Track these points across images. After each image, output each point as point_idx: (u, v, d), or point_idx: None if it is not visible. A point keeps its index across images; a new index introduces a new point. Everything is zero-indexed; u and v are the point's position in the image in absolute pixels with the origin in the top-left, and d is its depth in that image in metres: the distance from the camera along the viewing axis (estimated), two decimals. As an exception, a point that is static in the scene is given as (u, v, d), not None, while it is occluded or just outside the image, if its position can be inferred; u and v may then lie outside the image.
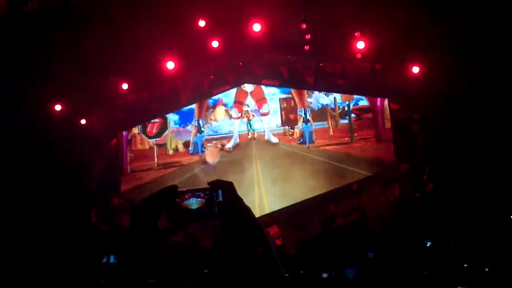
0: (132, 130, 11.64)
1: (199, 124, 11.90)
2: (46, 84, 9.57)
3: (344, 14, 9.15)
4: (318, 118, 11.42)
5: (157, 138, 11.73)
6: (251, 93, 11.64)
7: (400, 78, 9.90)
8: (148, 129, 11.72)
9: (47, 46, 8.99)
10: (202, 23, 9.48)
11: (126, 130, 11.21)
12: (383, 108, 10.78)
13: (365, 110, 11.07)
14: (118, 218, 10.72)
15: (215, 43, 9.78)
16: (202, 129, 11.86)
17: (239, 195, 1.36)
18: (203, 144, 11.86)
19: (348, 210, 10.23)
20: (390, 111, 10.31)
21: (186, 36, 9.71)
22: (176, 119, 11.72)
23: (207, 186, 1.37)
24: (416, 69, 9.64)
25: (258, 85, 11.52)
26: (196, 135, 11.84)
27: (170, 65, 10.01)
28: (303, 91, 11.41)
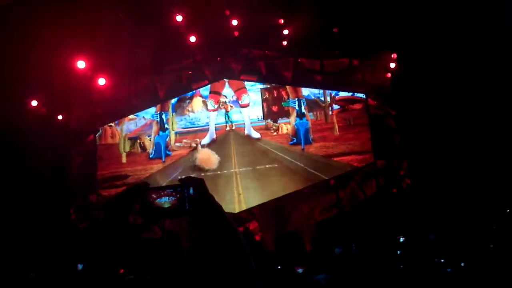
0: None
1: (161, 119, 11.26)
2: (21, 80, 9.48)
3: (322, 9, 9.19)
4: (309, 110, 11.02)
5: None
6: (229, 82, 11.10)
7: (378, 74, 9.97)
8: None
9: (22, 39, 8.89)
10: (179, 18, 9.45)
11: (104, 125, 11.06)
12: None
13: (349, 101, 10.87)
14: (96, 215, 10.65)
15: (192, 38, 9.77)
16: (166, 125, 11.18)
17: (210, 193, 1.38)
18: (167, 146, 11.20)
19: (326, 205, 10.24)
20: (368, 106, 10.34)
21: (164, 31, 9.68)
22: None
23: (178, 183, 1.39)
24: (393, 64, 9.71)
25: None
26: (158, 133, 11.24)
27: (146, 60, 9.98)
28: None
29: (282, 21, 9.65)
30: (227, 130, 11.17)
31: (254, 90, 11.25)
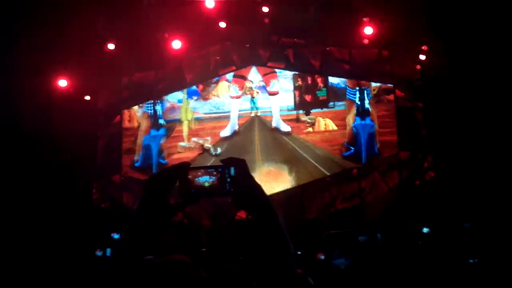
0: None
1: (154, 112, 11.04)
2: (52, 58, 9.56)
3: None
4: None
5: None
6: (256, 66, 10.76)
7: (406, 66, 9.94)
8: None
9: (53, 19, 8.94)
10: (210, 3, 9.45)
11: (130, 108, 11.13)
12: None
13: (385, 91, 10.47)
14: (118, 196, 10.77)
15: (222, 24, 9.79)
16: (161, 121, 10.94)
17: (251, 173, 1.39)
18: (161, 150, 10.79)
19: (348, 195, 10.28)
20: (395, 98, 10.31)
21: (194, 16, 9.69)
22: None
23: (219, 163, 1.40)
24: (422, 56, 9.68)
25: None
26: (148, 131, 10.96)
27: (176, 44, 10.01)
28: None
29: (312, 9, 9.60)
30: (252, 117, 10.81)
31: (285, 76, 10.78)
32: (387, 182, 10.21)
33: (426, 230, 8.93)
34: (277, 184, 10.37)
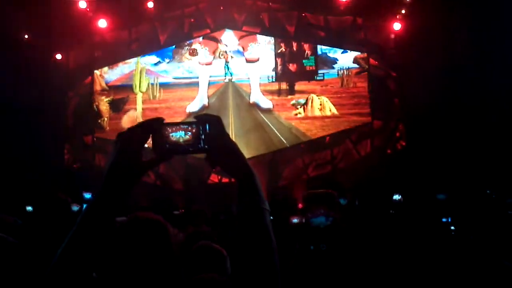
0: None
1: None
2: (20, 16, 9.31)
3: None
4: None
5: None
6: (232, 26, 10.25)
7: (381, 34, 9.88)
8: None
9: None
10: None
11: (102, 68, 10.93)
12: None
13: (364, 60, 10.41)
14: (90, 156, 10.71)
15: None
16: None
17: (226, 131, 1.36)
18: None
19: (320, 162, 10.32)
20: (369, 66, 10.26)
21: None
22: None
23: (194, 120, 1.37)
24: (397, 25, 9.61)
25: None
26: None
27: (149, 4, 9.81)
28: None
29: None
30: (226, 83, 10.43)
31: (265, 40, 10.29)
32: (358, 150, 10.27)
33: (397, 198, 8.98)
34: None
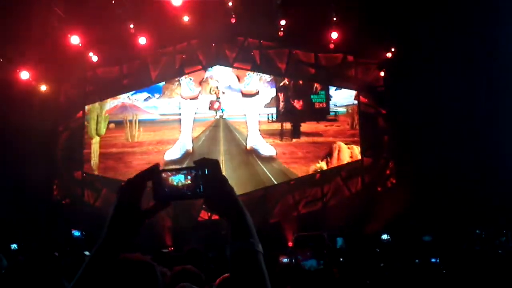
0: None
1: None
2: (14, 51, 9.38)
3: (321, 3, 9.16)
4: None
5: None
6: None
7: (370, 72, 9.99)
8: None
9: (16, 10, 8.78)
10: (177, 1, 9.33)
11: (94, 103, 10.95)
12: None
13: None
14: (79, 192, 10.62)
15: (185, 18, 9.56)
16: None
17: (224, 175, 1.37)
18: None
19: (311, 199, 10.26)
20: (359, 104, 10.33)
21: (160, 13, 9.57)
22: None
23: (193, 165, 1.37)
24: (386, 63, 9.73)
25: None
26: None
27: (142, 40, 9.89)
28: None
29: (279, 11, 9.56)
30: (216, 120, 10.02)
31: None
32: (349, 187, 10.23)
33: (385, 237, 8.93)
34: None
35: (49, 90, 10.29)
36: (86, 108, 10.54)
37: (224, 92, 10.26)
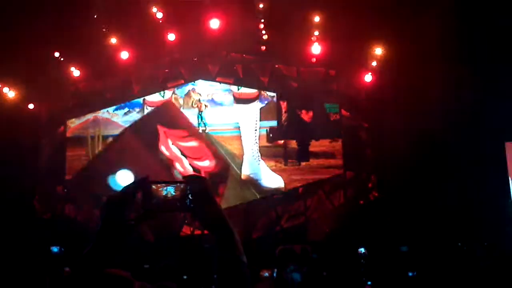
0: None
1: None
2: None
3: (302, 18, 9.23)
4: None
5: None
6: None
7: (353, 85, 10.06)
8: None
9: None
10: (159, 14, 9.38)
11: (76, 118, 10.89)
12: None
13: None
14: (60, 207, 10.52)
15: (171, 36, 9.69)
16: None
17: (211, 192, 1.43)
18: None
19: (294, 213, 10.25)
20: (341, 117, 10.38)
21: (143, 27, 9.61)
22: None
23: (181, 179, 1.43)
24: (368, 77, 9.79)
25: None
26: None
27: (124, 54, 9.90)
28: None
29: (261, 25, 9.64)
30: (198, 134, 9.95)
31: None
32: (332, 201, 10.23)
33: (362, 251, 8.96)
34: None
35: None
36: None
37: (207, 106, 10.17)
